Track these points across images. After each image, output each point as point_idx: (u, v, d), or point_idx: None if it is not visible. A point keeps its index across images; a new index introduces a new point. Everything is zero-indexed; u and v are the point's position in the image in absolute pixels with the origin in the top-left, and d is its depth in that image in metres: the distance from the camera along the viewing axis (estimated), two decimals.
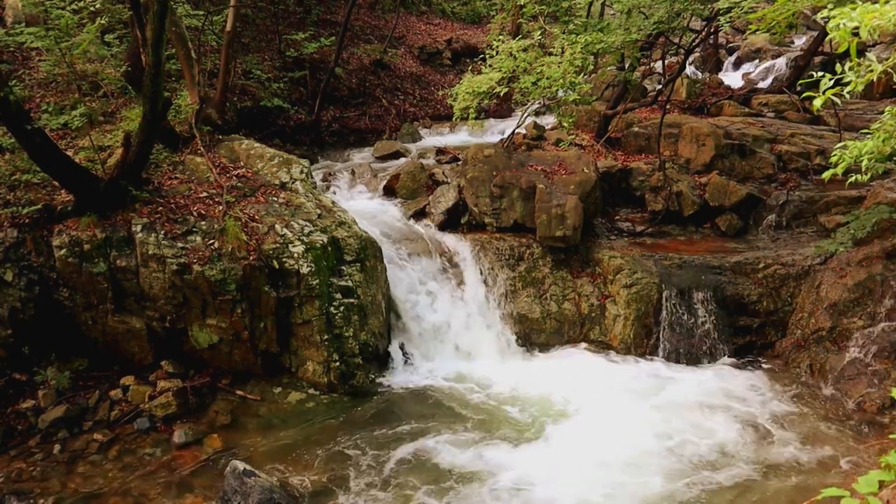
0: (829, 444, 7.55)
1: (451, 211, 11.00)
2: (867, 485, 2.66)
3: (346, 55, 17.39)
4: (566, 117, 10.92)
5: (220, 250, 8.28)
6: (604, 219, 11.57)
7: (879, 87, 15.48)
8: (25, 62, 10.79)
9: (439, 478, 6.97)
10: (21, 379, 7.82)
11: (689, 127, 12.46)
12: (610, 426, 7.77)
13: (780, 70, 18.17)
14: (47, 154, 7.79)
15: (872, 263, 8.98)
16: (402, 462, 7.23)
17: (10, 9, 11.14)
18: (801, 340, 9.25)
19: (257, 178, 9.86)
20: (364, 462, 7.24)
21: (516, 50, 10.52)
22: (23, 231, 8.10)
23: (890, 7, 3.30)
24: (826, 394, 8.48)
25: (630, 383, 8.87)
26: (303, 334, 8.64)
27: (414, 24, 21.77)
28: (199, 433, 7.68)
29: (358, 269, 9.16)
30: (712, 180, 11.57)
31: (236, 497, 6.28)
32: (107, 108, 10.28)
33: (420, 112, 17.64)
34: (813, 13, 16.14)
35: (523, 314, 9.94)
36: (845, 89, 3.99)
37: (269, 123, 14.39)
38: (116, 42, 10.65)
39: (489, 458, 7.29)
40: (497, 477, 6.97)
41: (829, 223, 10.46)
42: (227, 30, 11.35)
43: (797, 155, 12.01)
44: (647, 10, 11.37)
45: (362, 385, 8.62)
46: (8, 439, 7.41)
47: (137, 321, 8.35)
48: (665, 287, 9.66)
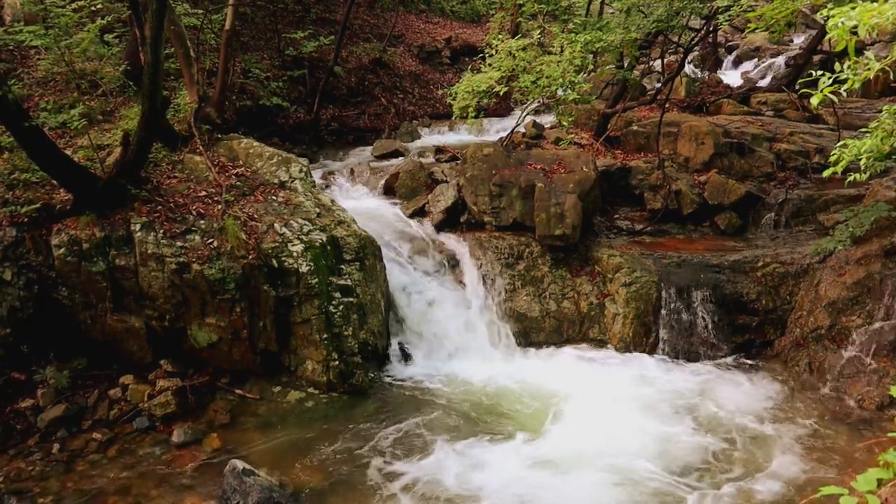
0: (828, 442, 7.56)
1: (451, 210, 11.00)
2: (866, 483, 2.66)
3: (346, 54, 17.39)
4: (565, 116, 10.93)
5: (220, 249, 8.28)
6: (603, 217, 11.58)
7: (877, 86, 15.51)
8: (24, 61, 10.79)
9: (439, 477, 6.97)
10: (20, 378, 7.81)
11: (689, 125, 12.46)
12: (609, 426, 7.77)
13: (779, 68, 18.19)
14: (46, 153, 7.78)
15: (871, 262, 8.98)
16: (402, 462, 7.23)
17: (8, 7, 11.14)
18: (800, 338, 9.25)
19: (256, 176, 9.85)
20: (364, 461, 7.24)
21: (515, 49, 10.53)
22: (21, 230, 8.09)
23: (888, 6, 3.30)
24: (825, 392, 8.49)
25: (629, 381, 8.86)
26: (302, 333, 8.64)
27: (413, 22, 21.77)
28: (198, 432, 7.68)
29: (357, 267, 9.15)
30: (711, 179, 11.58)
31: (235, 496, 6.28)
32: (105, 106, 10.27)
33: (419, 111, 17.66)
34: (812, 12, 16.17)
35: (522, 313, 9.95)
36: (843, 87, 4.00)
37: (268, 122, 14.40)
38: (115, 41, 10.65)
39: (489, 458, 7.28)
40: (496, 476, 6.97)
41: (828, 221, 10.46)
42: (226, 28, 11.34)
43: (796, 153, 12.02)
44: (647, 9, 11.39)
45: (362, 384, 8.62)
46: (7, 438, 7.40)
47: (136, 320, 8.34)
48: (664, 285, 9.67)
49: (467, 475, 6.97)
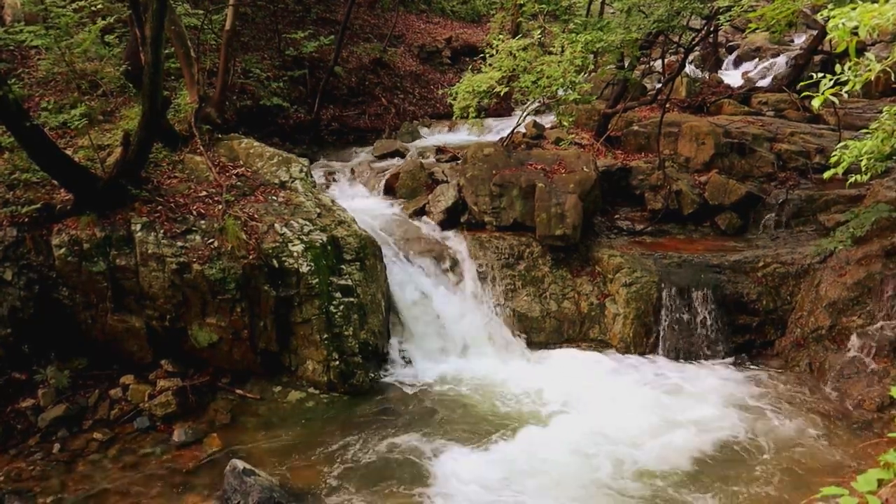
0: (828, 442, 7.56)
1: (451, 210, 11.00)
2: (866, 483, 2.66)
3: (346, 54, 17.38)
4: (566, 116, 10.93)
5: (220, 249, 8.28)
6: (603, 217, 11.58)
7: (878, 86, 15.50)
8: (25, 61, 10.79)
9: (439, 477, 6.97)
10: (21, 378, 7.82)
11: (689, 126, 12.46)
12: (607, 426, 7.77)
13: (780, 68, 18.17)
14: (46, 153, 7.78)
15: (872, 262, 8.98)
16: (402, 461, 7.23)
17: (9, 7, 11.14)
18: (801, 339, 9.25)
19: (257, 176, 9.85)
20: (364, 461, 7.24)
21: (516, 49, 10.53)
22: (22, 230, 8.10)
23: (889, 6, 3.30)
24: (825, 392, 8.49)
25: (629, 382, 8.87)
26: (302, 333, 8.64)
27: (413, 22, 21.76)
28: (198, 432, 7.68)
29: (357, 268, 9.15)
30: (712, 179, 11.57)
31: (236, 496, 6.29)
32: (106, 107, 10.27)
33: (420, 111, 17.65)
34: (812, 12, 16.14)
35: (523, 313, 9.94)
36: (843, 89, 4.00)
37: (268, 122, 14.39)
38: (116, 41, 10.64)
39: (489, 457, 7.29)
40: (497, 476, 6.97)
41: (828, 222, 10.46)
42: (227, 28, 11.34)
43: (797, 153, 12.01)
44: (647, 9, 11.39)
45: (362, 384, 8.62)
46: (7, 438, 7.40)
47: (137, 320, 8.34)
48: (665, 286, 9.67)
49: (467, 474, 6.97)
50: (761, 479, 6.95)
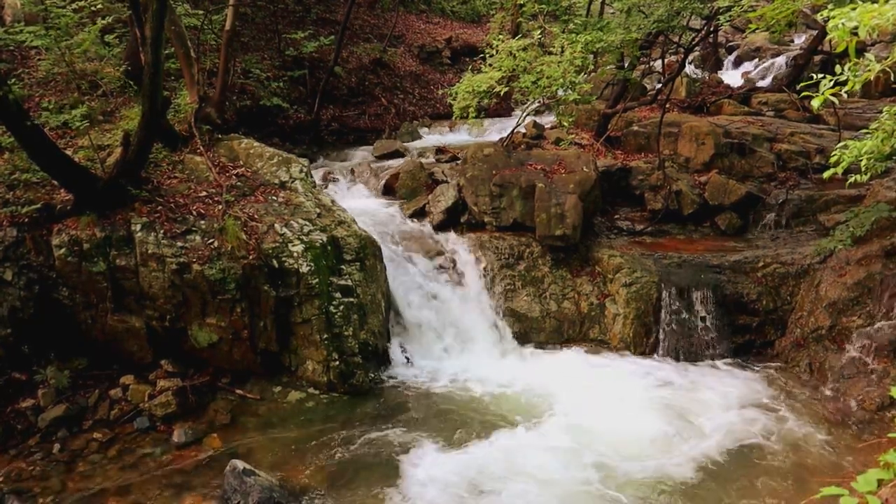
0: (828, 442, 7.56)
1: (451, 210, 11.00)
2: (866, 483, 2.66)
3: (346, 54, 17.39)
4: (566, 116, 10.92)
5: (220, 249, 8.28)
6: (603, 218, 11.58)
7: (878, 86, 15.51)
8: (25, 61, 10.79)
9: (440, 476, 6.96)
10: (21, 378, 7.81)
11: (689, 126, 12.46)
12: (607, 426, 7.77)
13: (780, 69, 18.18)
14: (46, 153, 7.78)
15: (872, 262, 8.98)
16: (402, 461, 7.23)
17: (9, 7, 11.14)
18: (801, 339, 9.25)
19: (256, 177, 9.85)
20: (364, 461, 7.24)
21: (516, 49, 10.52)
22: (22, 230, 8.10)
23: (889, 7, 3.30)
24: (825, 392, 8.48)
25: (628, 381, 8.86)
26: (302, 333, 8.64)
27: (413, 22, 21.77)
28: (198, 432, 7.68)
29: (357, 268, 9.15)
30: (712, 179, 11.58)
31: (236, 496, 6.29)
32: (106, 107, 10.27)
33: (419, 111, 17.66)
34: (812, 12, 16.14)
35: (523, 313, 9.95)
36: (843, 89, 4.00)
37: (268, 122, 14.40)
38: (116, 41, 10.65)
39: (488, 457, 7.29)
40: (494, 474, 6.97)
41: (828, 222, 10.46)
42: (227, 29, 11.34)
43: (797, 153, 12.01)
44: (647, 9, 11.39)
45: (362, 384, 8.62)
46: (8, 438, 7.40)
47: (137, 320, 8.34)
48: (665, 286, 9.67)
49: (467, 473, 6.97)
50: (761, 478, 6.95)
